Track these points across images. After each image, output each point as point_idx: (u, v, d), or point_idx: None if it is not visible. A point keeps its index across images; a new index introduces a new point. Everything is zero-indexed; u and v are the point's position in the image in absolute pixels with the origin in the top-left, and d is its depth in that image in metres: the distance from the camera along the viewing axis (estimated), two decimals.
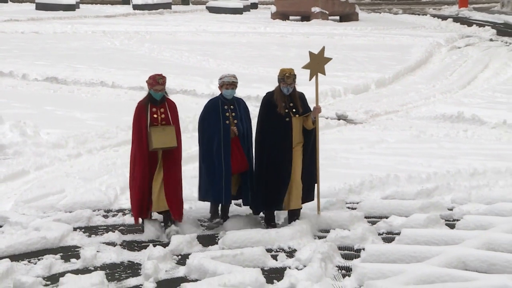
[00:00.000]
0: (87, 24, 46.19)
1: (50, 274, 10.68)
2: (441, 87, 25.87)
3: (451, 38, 39.08)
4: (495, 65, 30.77)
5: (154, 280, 10.37)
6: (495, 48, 36.09)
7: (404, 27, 45.67)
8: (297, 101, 11.88)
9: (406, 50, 34.28)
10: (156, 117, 11.79)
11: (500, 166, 15.22)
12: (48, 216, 12.95)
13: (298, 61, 30.63)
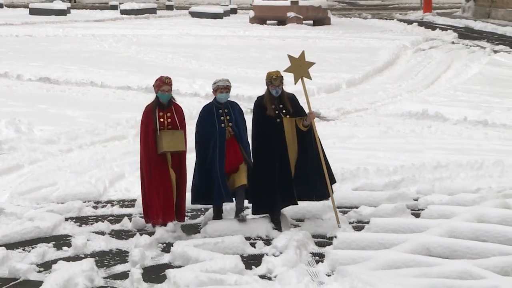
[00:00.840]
0: (77, 28, 46.08)
1: (43, 261, 10.68)
2: (407, 87, 25.94)
3: (416, 41, 39.15)
4: (457, 66, 30.86)
5: (140, 267, 10.36)
6: (457, 50, 36.17)
7: (373, 31, 45.72)
8: (287, 102, 11.53)
9: (374, 52, 34.34)
10: (162, 121, 11.33)
11: (461, 160, 15.27)
12: (41, 207, 12.94)
13: (275, 63, 30.85)
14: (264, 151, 11.36)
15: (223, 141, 11.41)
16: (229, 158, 11.45)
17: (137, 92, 24.42)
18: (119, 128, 18.63)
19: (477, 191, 13.45)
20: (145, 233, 11.65)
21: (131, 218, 12.40)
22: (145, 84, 24.84)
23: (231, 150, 11.48)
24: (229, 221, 11.90)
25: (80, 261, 10.35)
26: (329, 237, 11.45)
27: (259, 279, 9.77)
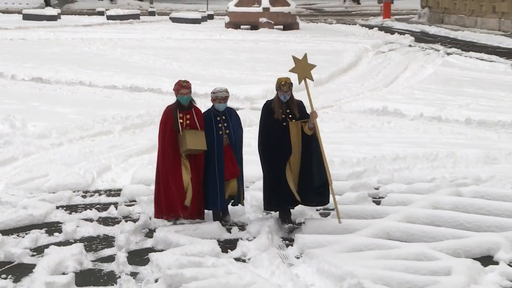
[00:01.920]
0: (67, 32, 45.90)
1: (36, 246, 10.65)
2: (369, 86, 25.99)
3: (376, 44, 39.24)
4: (414, 67, 30.97)
5: (126, 251, 10.39)
6: (414, 52, 36.30)
7: (337, 35, 45.80)
8: (294, 107, 11.06)
9: (339, 54, 34.38)
10: (181, 122, 10.84)
11: (418, 152, 15.33)
12: (34, 197, 12.89)
13: (248, 64, 31.05)
14: (270, 153, 10.97)
15: (220, 149, 11.03)
16: (228, 167, 11.05)
17: (122, 91, 24.40)
18: (106, 124, 18.58)
19: (432, 180, 13.51)
20: (129, 220, 11.66)
21: (117, 206, 12.40)
22: (130, 84, 24.89)
23: (229, 160, 11.06)
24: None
25: (70, 246, 10.35)
26: (298, 223, 11.47)
27: (234, 261, 9.78)
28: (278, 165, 10.92)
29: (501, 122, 18.76)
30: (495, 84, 25.74)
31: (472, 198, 12.25)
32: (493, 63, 31.80)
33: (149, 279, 9.44)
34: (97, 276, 9.64)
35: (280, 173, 10.93)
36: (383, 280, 8.99)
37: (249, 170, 12.16)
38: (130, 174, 14.36)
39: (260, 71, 28.67)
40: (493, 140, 17.21)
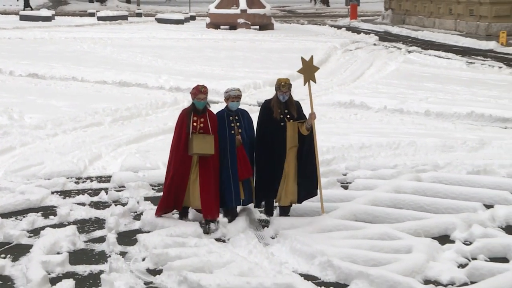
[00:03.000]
0: (61, 32, 45.60)
1: (33, 228, 10.63)
2: (337, 81, 26.05)
3: (344, 43, 39.30)
4: (378, 63, 31.05)
5: (115, 232, 10.37)
6: (378, 50, 36.39)
7: (309, 35, 45.82)
8: (293, 107, 10.57)
9: (310, 52, 34.16)
10: (195, 126, 10.25)
11: (382, 141, 15.39)
12: (31, 183, 12.86)
13: (227, 61, 31.05)
14: (266, 150, 10.50)
15: (233, 148, 10.39)
16: (241, 167, 10.42)
17: (112, 86, 24.31)
18: (97, 116, 18.53)
19: (395, 167, 13.58)
20: (119, 204, 11.64)
21: (107, 191, 12.40)
22: (119, 79, 24.83)
23: (242, 161, 10.43)
24: None
25: (64, 228, 10.34)
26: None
27: (215, 241, 9.79)
28: (273, 161, 10.47)
29: (457, 114, 18.88)
30: (451, 79, 25.85)
31: (431, 183, 12.32)
32: (450, 60, 31.93)
33: (137, 258, 9.43)
34: (89, 256, 9.62)
35: (272, 172, 10.49)
36: (350, 258, 9.04)
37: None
38: (119, 162, 14.35)
39: (238, 68, 28.66)
40: (450, 130, 17.32)
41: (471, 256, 9.36)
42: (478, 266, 8.88)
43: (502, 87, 23.89)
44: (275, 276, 8.58)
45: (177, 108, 20.31)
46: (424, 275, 8.75)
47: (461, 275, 8.70)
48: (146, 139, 16.39)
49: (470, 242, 9.82)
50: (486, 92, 22.65)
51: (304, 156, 10.49)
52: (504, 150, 14.99)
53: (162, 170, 13.61)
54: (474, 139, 15.82)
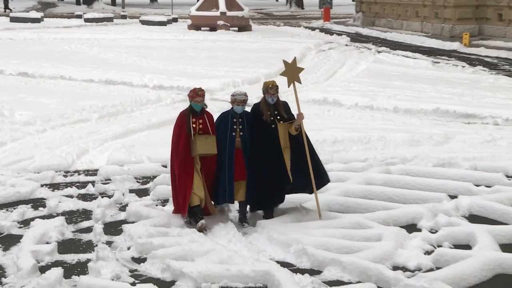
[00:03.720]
0: (49, 33, 45.35)
1: (23, 219, 10.59)
2: (312, 79, 26.06)
3: (318, 44, 39.36)
4: (349, 63, 31.12)
5: (102, 223, 10.34)
6: (349, 51, 36.47)
7: (285, 36, 45.84)
8: (281, 109, 10.07)
9: (286, 52, 34.40)
10: (195, 127, 9.86)
11: (353, 136, 15.42)
12: (21, 176, 12.78)
13: (208, 61, 31.00)
14: (261, 153, 10.05)
15: (232, 149, 9.94)
16: (237, 170, 9.99)
17: (98, 84, 24.20)
18: (84, 113, 18.46)
19: (365, 160, 13.62)
20: (105, 196, 11.61)
21: (94, 184, 12.35)
22: (105, 78, 24.75)
23: (238, 164, 9.98)
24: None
25: (53, 219, 10.30)
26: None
27: (197, 231, 9.76)
28: (268, 166, 10.02)
29: (423, 110, 18.95)
30: (418, 78, 25.95)
31: (399, 175, 12.37)
32: (416, 60, 32.05)
33: (123, 247, 9.41)
34: (77, 245, 9.58)
35: (268, 177, 9.99)
36: (324, 246, 9.06)
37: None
38: (105, 156, 14.30)
39: (218, 67, 28.62)
40: (417, 126, 17.37)
41: (437, 244, 9.41)
42: (443, 253, 8.94)
43: (465, 85, 24.02)
44: (253, 263, 8.59)
45: (160, 105, 20.28)
46: (393, 261, 8.79)
47: (427, 262, 8.75)
48: (131, 134, 16.35)
49: (436, 231, 9.88)
50: (450, 90, 22.76)
51: (296, 155, 10.15)
52: (467, 144, 15.08)
53: (146, 164, 13.64)
54: (439, 134, 15.90)
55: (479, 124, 17.58)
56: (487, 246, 9.03)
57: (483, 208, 10.68)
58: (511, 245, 9.34)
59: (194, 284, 8.15)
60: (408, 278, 8.15)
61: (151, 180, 12.63)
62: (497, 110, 18.56)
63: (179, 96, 21.71)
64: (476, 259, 8.59)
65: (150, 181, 12.61)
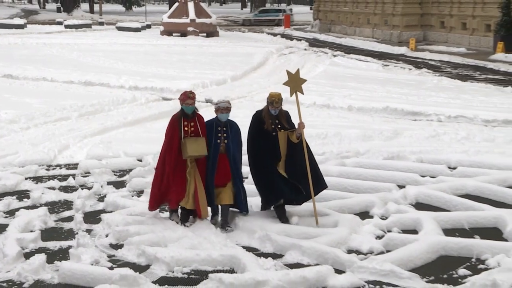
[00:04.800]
0: (32, 38, 44.88)
1: (9, 209, 10.47)
2: (274, 81, 26.06)
3: (279, 48, 39.43)
4: (308, 65, 31.21)
5: (82, 212, 10.27)
6: (308, 54, 36.58)
7: (249, 41, 45.84)
8: (283, 118, 9.58)
9: (250, 56, 34.44)
10: (187, 130, 9.29)
11: (312, 132, 15.41)
12: (6, 170, 12.62)
13: (179, 64, 30.88)
14: (261, 159, 9.45)
15: (216, 155, 9.37)
16: (219, 173, 9.41)
17: (78, 85, 23.98)
18: (65, 112, 18.32)
19: (323, 154, 13.65)
20: (85, 188, 11.54)
21: (75, 177, 12.24)
22: (84, 79, 24.57)
23: (222, 166, 9.41)
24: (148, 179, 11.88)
25: (36, 209, 10.23)
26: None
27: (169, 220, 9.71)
28: (270, 168, 9.46)
29: (374, 109, 19.07)
30: (370, 79, 26.11)
31: (353, 167, 12.43)
32: (368, 63, 32.24)
33: (101, 234, 9.34)
34: (59, 233, 9.50)
35: (273, 174, 9.47)
36: (285, 232, 9.07)
37: None
38: (85, 152, 14.18)
39: (188, 70, 28.54)
40: (369, 122, 17.48)
41: (387, 229, 9.47)
42: (393, 237, 9.01)
43: (412, 85, 24.22)
44: (221, 248, 8.58)
45: (135, 104, 20.17)
46: (347, 245, 8.83)
47: (378, 245, 8.81)
48: (108, 131, 16.25)
49: (386, 217, 9.94)
50: (398, 90, 22.93)
51: (293, 163, 9.54)
52: (414, 139, 15.20)
53: (123, 159, 13.57)
54: (389, 130, 16.00)
55: (424, 121, 17.75)
56: (431, 231, 9.13)
57: (428, 196, 10.79)
58: (453, 230, 9.45)
59: (167, 268, 8.13)
60: (361, 260, 8.20)
61: (127, 173, 12.56)
62: (441, 108, 18.74)
63: (152, 96, 21.64)
64: (422, 243, 8.68)
65: (126, 174, 12.53)
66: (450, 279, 7.89)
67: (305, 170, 9.47)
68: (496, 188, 11.11)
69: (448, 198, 10.64)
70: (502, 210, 10.01)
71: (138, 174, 12.23)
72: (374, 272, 7.89)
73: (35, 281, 7.82)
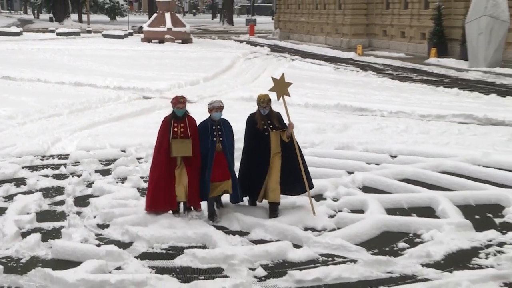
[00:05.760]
0: (28, 44, 44.23)
1: (8, 194, 10.33)
2: (241, 81, 26.08)
3: (245, 53, 39.36)
4: (270, 68, 31.20)
5: (72, 197, 10.17)
6: (270, 59, 36.60)
7: (219, 47, 45.69)
8: (274, 119, 9.14)
9: (220, 60, 34.32)
10: (176, 131, 8.75)
11: None
12: (5, 160, 12.44)
13: (157, 67, 30.77)
14: (253, 156, 9.00)
15: (213, 153, 8.82)
16: (218, 171, 8.84)
17: (69, 85, 23.69)
18: (57, 109, 18.15)
19: None
20: (75, 175, 11.42)
21: (66, 166, 12.12)
22: (74, 80, 24.34)
23: (221, 165, 8.86)
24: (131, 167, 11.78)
25: (32, 194, 10.12)
26: None
27: None
28: (259, 168, 8.99)
29: (327, 105, 19.17)
30: (323, 80, 26.21)
31: (310, 156, 12.43)
32: (322, 66, 32.37)
33: (90, 216, 9.25)
34: (52, 215, 9.40)
35: (259, 173, 8.99)
36: (251, 213, 9.05)
37: None
38: (75, 144, 14.03)
39: (166, 72, 28.37)
40: (322, 117, 17.54)
41: (338, 209, 9.52)
42: (343, 216, 9.07)
43: (359, 85, 24.37)
44: (195, 227, 8.56)
45: (119, 102, 20.03)
46: (304, 224, 8.84)
47: (331, 223, 8.84)
48: (95, 126, 16.10)
49: (337, 199, 9.99)
50: (348, 89, 23.05)
51: (287, 160, 9.10)
52: (361, 132, 15.30)
53: (108, 150, 13.45)
54: (340, 123, 16.09)
55: (370, 116, 17.88)
56: (376, 211, 9.20)
57: (373, 181, 10.87)
58: (394, 209, 9.53)
59: (148, 244, 8.10)
60: (316, 236, 8.26)
61: (112, 162, 12.44)
62: (383, 105, 18.89)
63: (134, 95, 21.51)
64: (367, 221, 8.75)
65: (112, 163, 12.41)
66: (391, 251, 7.97)
67: (298, 166, 9.11)
68: (430, 173, 11.25)
69: (390, 182, 10.73)
70: (436, 192, 10.14)
71: (122, 163, 12.13)
72: (327, 246, 7.93)
73: (31, 257, 7.73)
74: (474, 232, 8.42)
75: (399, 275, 7.14)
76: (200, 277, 7.13)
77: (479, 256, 7.70)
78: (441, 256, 7.68)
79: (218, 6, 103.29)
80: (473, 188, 10.40)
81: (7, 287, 6.89)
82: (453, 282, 6.79)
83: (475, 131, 15.24)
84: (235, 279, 6.95)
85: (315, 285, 6.90)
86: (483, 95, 21.32)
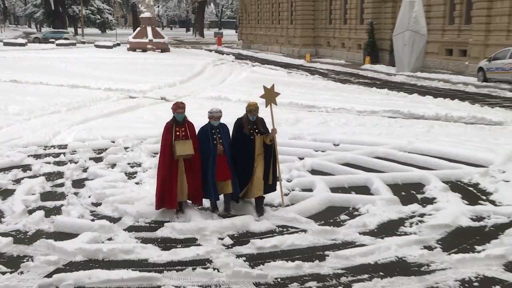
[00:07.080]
0: (32, 53, 43.22)
1: (16, 178, 10.11)
2: (210, 84, 25.95)
3: (214, 60, 39.14)
4: (235, 73, 31.16)
5: (71, 180, 10.00)
6: (234, 65, 36.52)
7: (192, 55, 45.35)
8: (259, 124, 8.48)
9: (193, 66, 34.06)
10: (178, 134, 8.04)
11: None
12: (14, 150, 12.17)
13: (141, 71, 30.39)
14: (239, 157, 8.26)
15: (215, 155, 8.13)
16: (221, 172, 8.15)
17: (67, 87, 23.30)
18: (57, 107, 17.85)
19: None
20: (73, 162, 11.24)
21: (65, 154, 11.93)
22: (71, 83, 24.07)
23: (222, 167, 8.16)
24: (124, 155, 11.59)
25: (37, 178, 9.96)
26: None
27: (135, 184, 9.59)
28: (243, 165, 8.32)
29: (282, 103, 18.81)
30: (278, 82, 25.85)
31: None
32: (277, 71, 32.44)
33: (85, 196, 9.11)
34: (54, 195, 9.23)
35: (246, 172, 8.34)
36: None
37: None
38: (72, 136, 13.81)
39: (148, 76, 28.07)
40: (278, 113, 17.12)
41: (291, 188, 9.53)
42: (296, 194, 9.10)
43: (307, 87, 24.49)
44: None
45: (109, 101, 19.75)
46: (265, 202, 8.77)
47: (285, 200, 8.74)
48: (89, 121, 15.87)
49: (291, 180, 10.01)
50: (299, 90, 23.13)
51: (268, 161, 8.46)
52: (310, 125, 15.35)
53: (100, 141, 13.24)
54: (292, 118, 16.13)
55: (317, 112, 17.97)
56: (322, 189, 9.25)
57: (320, 165, 10.93)
58: (337, 188, 9.57)
59: (134, 219, 8.02)
60: (273, 211, 8.27)
61: (104, 151, 12.24)
62: (328, 103, 19.00)
63: (122, 95, 21.30)
64: (315, 198, 8.79)
65: (103, 152, 12.21)
66: (335, 223, 8.03)
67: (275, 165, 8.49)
68: (366, 159, 11.35)
69: (334, 166, 10.80)
70: (370, 173, 10.24)
71: (111, 152, 11.96)
72: (282, 219, 7.96)
73: (36, 230, 7.59)
74: (401, 206, 8.54)
75: (341, 242, 7.21)
76: (178, 246, 7.08)
77: (405, 225, 7.82)
78: (374, 225, 7.78)
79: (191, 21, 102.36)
80: (400, 170, 10.53)
81: (16, 255, 6.79)
82: (384, 246, 6.89)
83: (401, 124, 15.45)
84: (207, 247, 6.93)
85: (273, 251, 6.92)
86: (407, 95, 21.64)
